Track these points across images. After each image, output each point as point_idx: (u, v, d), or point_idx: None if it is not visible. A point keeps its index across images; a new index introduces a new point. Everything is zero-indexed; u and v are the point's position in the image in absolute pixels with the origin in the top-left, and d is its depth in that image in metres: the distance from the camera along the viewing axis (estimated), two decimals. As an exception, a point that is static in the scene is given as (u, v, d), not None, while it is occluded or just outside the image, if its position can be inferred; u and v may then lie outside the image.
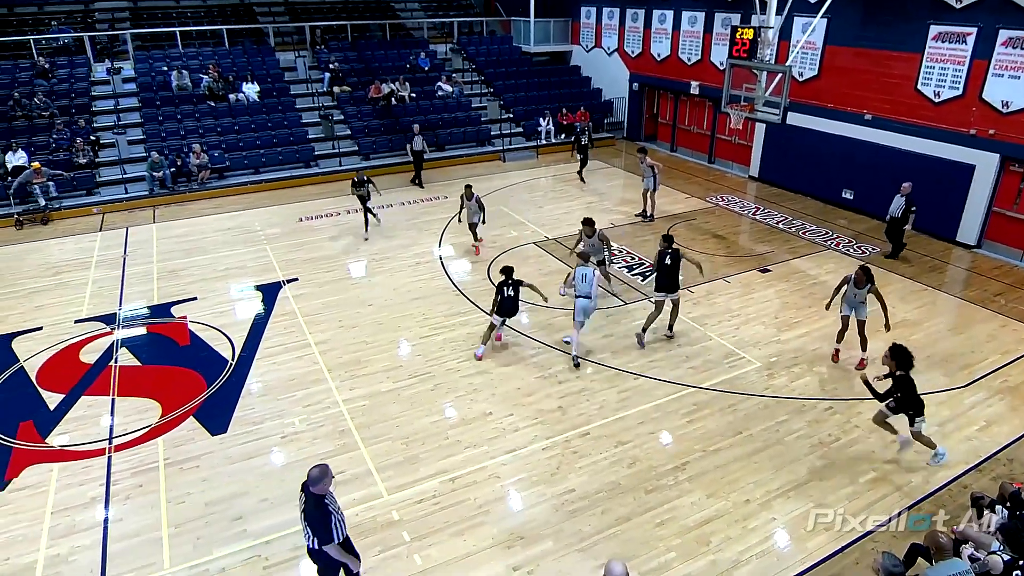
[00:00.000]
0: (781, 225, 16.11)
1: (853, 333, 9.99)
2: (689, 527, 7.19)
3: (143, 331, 11.42)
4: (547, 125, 23.02)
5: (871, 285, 9.64)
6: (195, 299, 12.41)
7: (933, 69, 14.59)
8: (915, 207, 13.28)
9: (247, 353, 10.58)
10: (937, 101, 14.66)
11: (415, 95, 22.90)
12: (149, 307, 12.20)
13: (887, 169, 15.41)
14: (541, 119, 23.11)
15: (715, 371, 10.06)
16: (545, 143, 22.98)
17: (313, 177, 19.76)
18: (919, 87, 14.93)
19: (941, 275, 13.48)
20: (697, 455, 8.28)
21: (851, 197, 16.93)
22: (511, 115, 23.90)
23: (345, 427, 8.81)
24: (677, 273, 10.51)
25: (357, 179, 15.04)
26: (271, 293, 12.62)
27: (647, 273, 13.30)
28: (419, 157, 19.00)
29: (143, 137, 19.48)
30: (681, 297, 10.93)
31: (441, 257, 14.26)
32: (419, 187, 19.14)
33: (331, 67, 22.99)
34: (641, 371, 10.04)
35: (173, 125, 19.84)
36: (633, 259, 14.05)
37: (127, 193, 18.03)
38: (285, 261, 14.08)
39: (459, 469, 8.05)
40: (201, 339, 11.05)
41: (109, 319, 11.74)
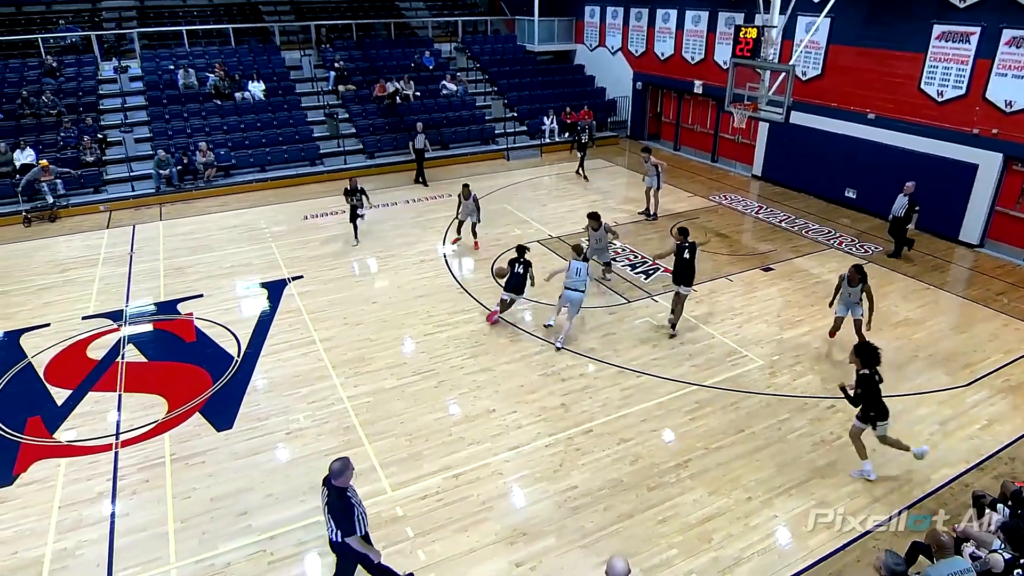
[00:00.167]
0: (784, 224, 16.13)
1: (850, 332, 10.04)
2: (691, 524, 7.24)
3: (150, 328, 11.51)
4: (551, 124, 23.06)
5: (864, 284, 9.72)
6: (201, 296, 12.50)
7: (936, 68, 14.59)
8: (919, 206, 13.29)
9: (252, 350, 10.66)
10: (940, 100, 14.66)
11: (419, 94, 22.96)
12: (155, 304, 12.29)
13: (890, 168, 15.41)
14: (545, 118, 23.15)
15: (717, 369, 10.10)
16: (549, 142, 23.02)
17: (318, 175, 19.84)
18: (922, 86, 14.92)
19: (943, 274, 13.49)
20: (699, 453, 8.33)
21: (854, 196, 16.93)
22: (515, 114, 23.95)
23: (349, 423, 8.88)
24: (694, 266, 10.71)
25: (350, 187, 14.72)
26: (276, 290, 12.70)
27: (650, 272, 13.35)
28: (421, 155, 19.07)
29: (150, 135, 19.59)
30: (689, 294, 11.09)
31: (445, 255, 14.32)
32: (423, 185, 19.19)
33: (336, 66, 23.07)
34: (644, 369, 10.08)
35: (179, 123, 19.95)
36: (636, 257, 14.09)
37: (134, 191, 18.14)
38: (290, 259, 14.16)
39: (462, 466, 8.11)
40: (207, 336, 11.13)
41: (116, 316, 11.83)
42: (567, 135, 22.84)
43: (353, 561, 6.01)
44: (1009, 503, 6.50)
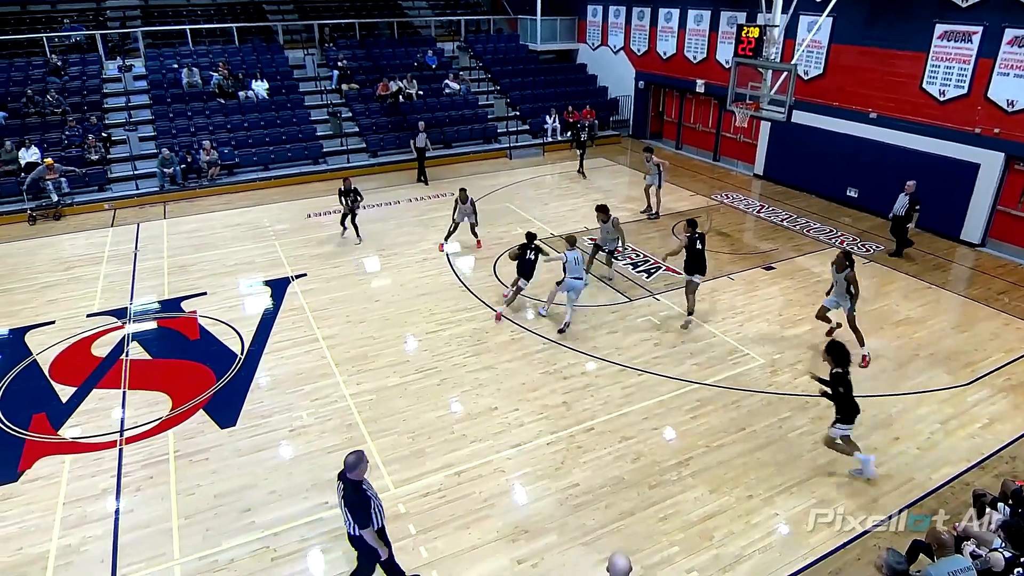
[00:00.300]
0: (785, 223, 16.14)
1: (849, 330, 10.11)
2: (692, 522, 7.27)
3: (154, 325, 11.56)
4: (553, 123, 23.08)
5: (849, 271, 9.77)
6: (205, 294, 12.55)
7: (938, 68, 14.59)
8: (919, 205, 13.30)
9: (256, 347, 10.71)
10: (942, 100, 14.66)
11: (422, 93, 22.99)
12: (160, 302, 12.34)
13: (892, 167, 15.41)
14: (547, 117, 23.17)
15: (719, 368, 10.13)
16: (551, 141, 23.04)
17: (321, 174, 19.88)
18: (924, 86, 14.92)
19: (945, 273, 13.50)
20: (700, 451, 8.36)
21: (855, 195, 16.94)
22: (517, 113, 23.98)
23: (352, 421, 8.93)
24: (705, 256, 10.97)
25: (344, 187, 14.65)
26: (280, 288, 12.75)
27: (652, 270, 13.38)
28: (422, 154, 19.11)
29: (154, 134, 19.63)
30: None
31: (448, 253, 14.36)
32: (424, 184, 19.22)
33: (339, 65, 23.11)
34: (645, 367, 10.11)
35: (183, 122, 20.00)
36: (638, 256, 14.12)
37: (138, 189, 18.21)
38: (293, 257, 14.21)
39: (465, 463, 8.15)
40: (211, 333, 11.18)
41: (120, 313, 11.89)
42: (569, 134, 22.88)
43: (372, 555, 6.03)
44: (1010, 502, 6.51)
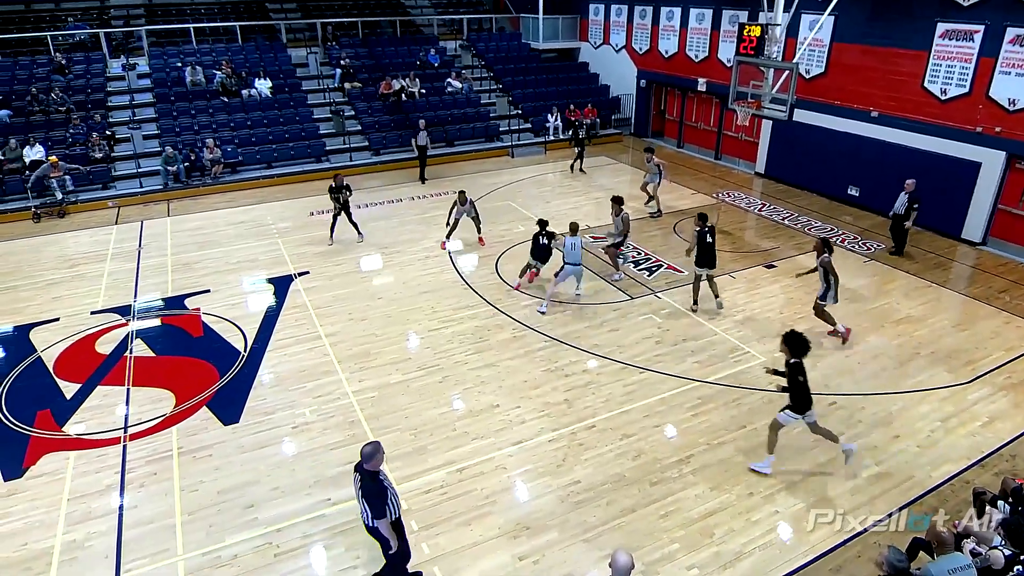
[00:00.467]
0: (787, 221, 16.15)
1: (852, 323, 10.18)
2: (693, 519, 7.30)
3: (157, 322, 11.62)
4: (555, 121, 23.10)
5: (826, 256, 10.10)
6: (208, 291, 12.60)
7: (940, 67, 14.58)
8: (918, 204, 13.31)
9: (259, 345, 10.76)
10: (944, 99, 14.66)
11: (425, 91, 23.03)
12: (163, 299, 12.40)
13: (893, 166, 15.41)
14: (549, 115, 23.18)
15: (720, 365, 10.16)
16: (553, 139, 23.06)
17: (324, 172, 19.83)
18: (926, 84, 14.93)
19: (946, 272, 13.51)
20: (701, 448, 8.39)
21: (857, 194, 16.95)
22: (520, 111, 24.00)
23: (355, 418, 8.97)
24: (714, 251, 11.40)
25: (335, 184, 14.29)
26: (283, 286, 12.80)
27: (653, 268, 13.41)
28: (423, 152, 19.14)
29: (158, 132, 19.71)
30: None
31: (449, 251, 14.40)
32: (422, 183, 19.26)
33: (342, 63, 23.15)
34: (647, 365, 10.14)
35: (187, 120, 20.06)
36: (640, 254, 14.14)
37: (142, 187, 18.28)
38: (296, 254, 14.26)
39: (466, 460, 8.19)
40: (214, 331, 11.23)
41: (124, 311, 11.95)
42: (570, 132, 22.89)
43: (387, 545, 6.04)
44: (1010, 500, 6.53)
